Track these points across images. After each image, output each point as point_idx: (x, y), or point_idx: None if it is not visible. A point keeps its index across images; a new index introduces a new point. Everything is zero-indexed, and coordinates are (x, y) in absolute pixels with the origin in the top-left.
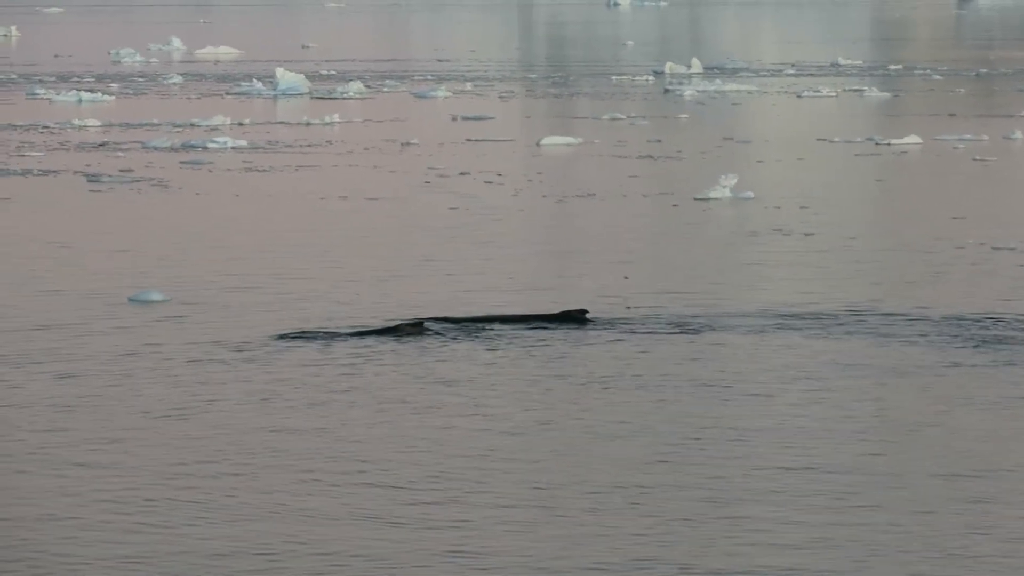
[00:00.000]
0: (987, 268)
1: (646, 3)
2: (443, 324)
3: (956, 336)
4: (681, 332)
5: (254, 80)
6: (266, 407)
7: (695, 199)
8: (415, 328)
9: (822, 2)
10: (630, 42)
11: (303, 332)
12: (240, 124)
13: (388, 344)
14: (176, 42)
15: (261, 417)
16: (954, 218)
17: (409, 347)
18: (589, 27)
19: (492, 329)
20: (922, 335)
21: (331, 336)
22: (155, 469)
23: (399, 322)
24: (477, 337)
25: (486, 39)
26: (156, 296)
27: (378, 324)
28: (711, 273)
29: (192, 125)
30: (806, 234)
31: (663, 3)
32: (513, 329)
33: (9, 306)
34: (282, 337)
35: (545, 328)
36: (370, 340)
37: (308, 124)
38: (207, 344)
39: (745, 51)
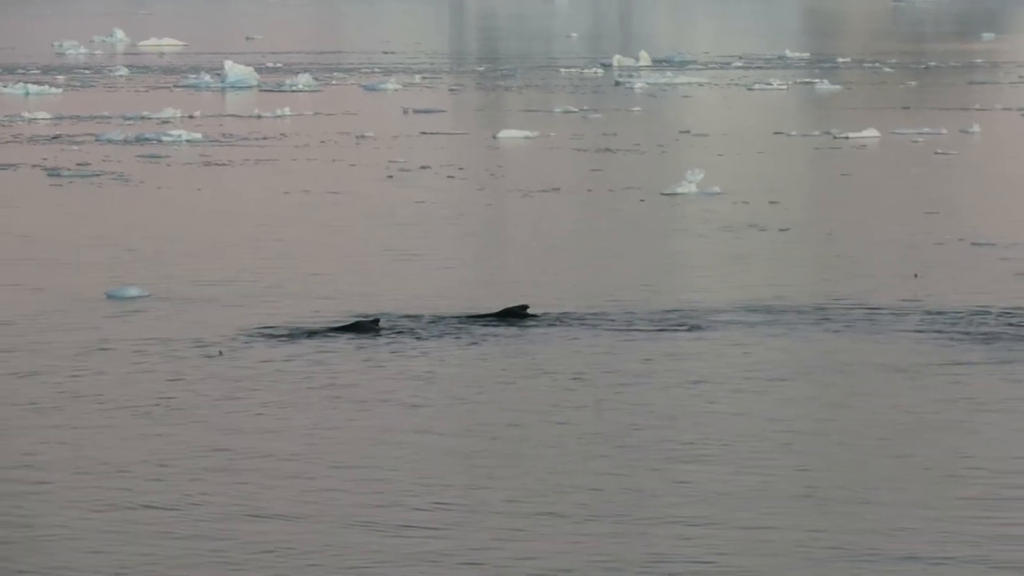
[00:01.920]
0: (970, 263)
1: None
2: (397, 321)
3: (949, 331)
4: (664, 328)
5: (202, 73)
6: (236, 404)
7: (662, 194)
8: (373, 324)
9: None
10: (574, 34)
11: (272, 328)
12: (191, 117)
13: (347, 341)
14: (119, 34)
15: (234, 414)
16: (928, 213)
17: (365, 343)
18: (530, 19)
19: (442, 326)
20: (918, 331)
21: (297, 333)
22: (127, 465)
23: (358, 319)
24: (428, 334)
25: (429, 31)
26: (134, 292)
27: (340, 321)
28: (694, 268)
29: (143, 118)
30: (781, 229)
31: None
32: (460, 325)
33: None
34: (257, 333)
35: (491, 325)
36: (331, 336)
37: (259, 117)
38: (189, 339)
39: (690, 43)
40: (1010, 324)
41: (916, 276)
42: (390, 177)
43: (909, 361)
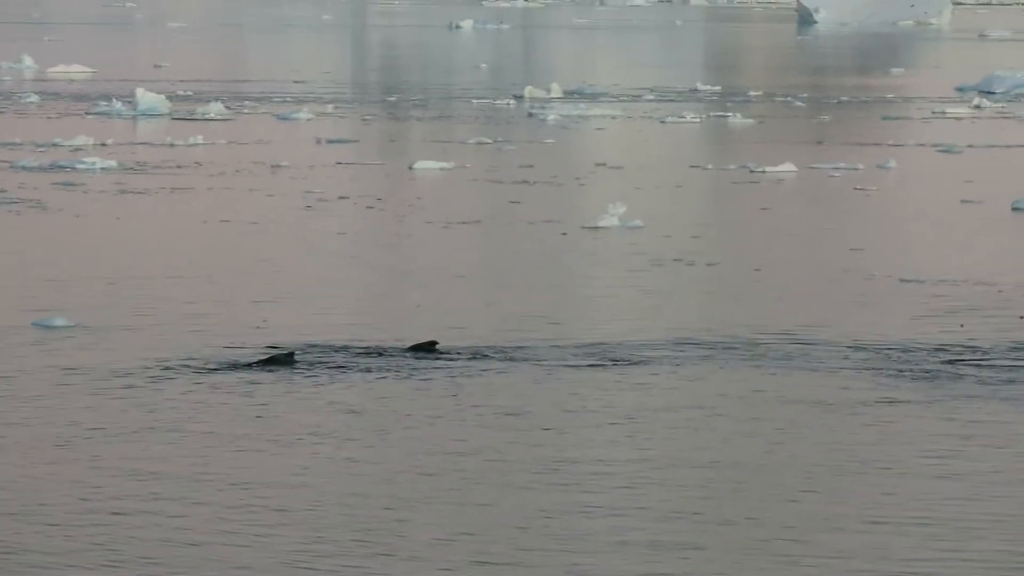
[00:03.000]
0: (899, 299)
1: (488, 26)
2: (313, 354)
3: (882, 367)
4: (595, 364)
5: (113, 100)
6: (158, 436)
7: (583, 227)
8: (288, 357)
9: (654, 27)
10: (483, 65)
11: (193, 360)
12: (103, 144)
13: (263, 373)
14: (27, 60)
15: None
16: (853, 249)
17: (281, 377)
18: (435, 49)
19: (357, 360)
20: (855, 367)
21: (218, 365)
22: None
23: (274, 352)
24: (341, 368)
25: (336, 61)
26: (60, 321)
27: (258, 354)
28: (623, 302)
29: (55, 145)
30: (709, 264)
31: (505, 26)
32: (370, 359)
33: None
34: (179, 364)
35: (402, 358)
36: (247, 370)
37: (172, 145)
38: (114, 369)
39: (599, 75)
40: (943, 361)
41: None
42: (308, 207)
43: (841, 397)
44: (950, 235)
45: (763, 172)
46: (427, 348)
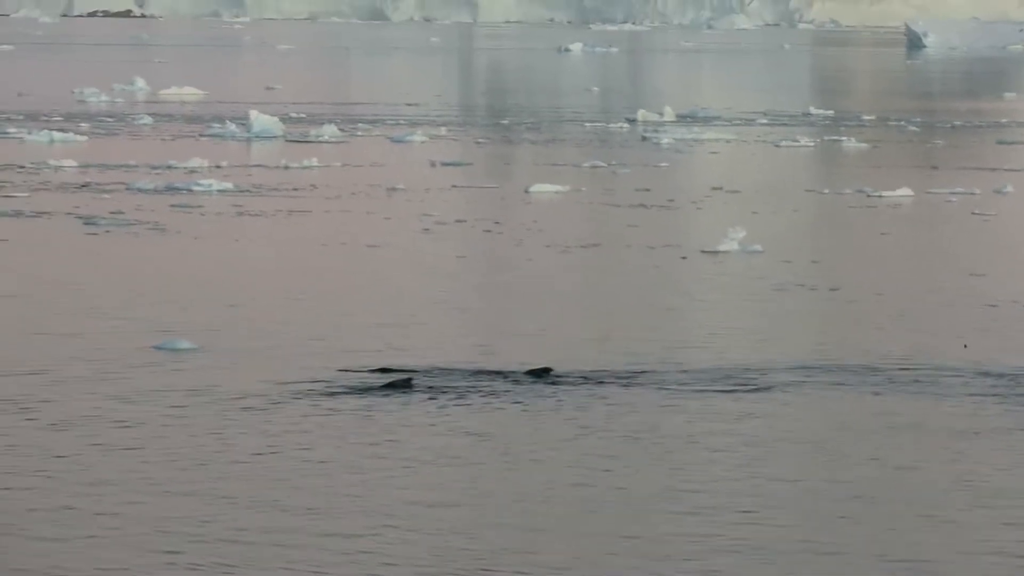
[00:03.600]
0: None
1: (597, 49)
2: (430, 378)
3: (1010, 394)
4: (725, 389)
5: (227, 122)
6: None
7: (703, 251)
8: (405, 383)
9: (762, 51)
10: (595, 88)
11: (314, 383)
12: (218, 166)
13: (379, 399)
14: (140, 82)
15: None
16: (974, 275)
17: (401, 401)
18: (547, 73)
19: (475, 384)
20: (983, 394)
21: (337, 389)
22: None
23: (392, 378)
24: (460, 392)
25: (446, 84)
26: (184, 344)
27: (374, 379)
28: (747, 328)
29: (170, 167)
30: (831, 289)
31: (613, 49)
32: (488, 383)
33: (34, 355)
34: (301, 388)
35: (518, 383)
36: (366, 395)
37: (287, 168)
38: (237, 393)
39: (709, 99)
40: None
41: (966, 347)
42: (426, 230)
43: (970, 425)
44: None
45: (880, 196)
46: (542, 373)
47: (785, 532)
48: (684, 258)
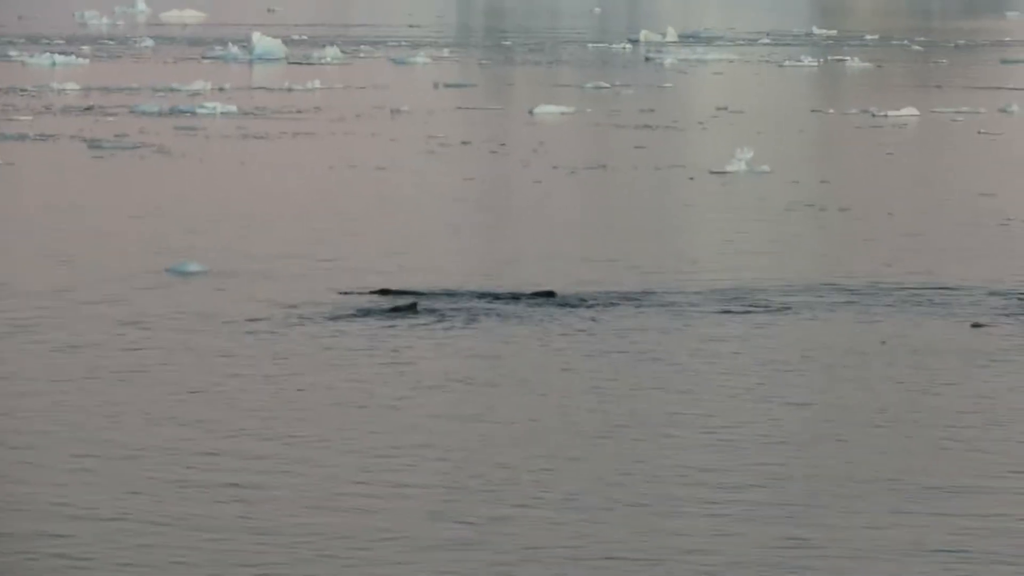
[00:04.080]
0: None
1: None
2: (434, 299)
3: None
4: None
5: (229, 44)
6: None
7: (711, 172)
8: (411, 308)
9: None
10: (597, 9)
11: (322, 305)
12: (221, 89)
13: (389, 318)
14: (140, 4)
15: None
16: (983, 194)
17: (408, 323)
18: None
19: (479, 305)
20: (998, 313)
21: (344, 312)
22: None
23: (397, 302)
24: (465, 314)
25: (446, 5)
26: (194, 267)
27: (379, 302)
28: (761, 248)
29: (172, 90)
30: (841, 209)
31: None
32: (491, 304)
33: (47, 278)
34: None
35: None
36: (374, 317)
37: (290, 90)
38: (248, 315)
39: (713, 19)
40: None
41: (883, 343)
42: (432, 152)
43: (991, 346)
44: None
45: (885, 116)
46: (546, 296)
47: (800, 459)
48: (692, 179)
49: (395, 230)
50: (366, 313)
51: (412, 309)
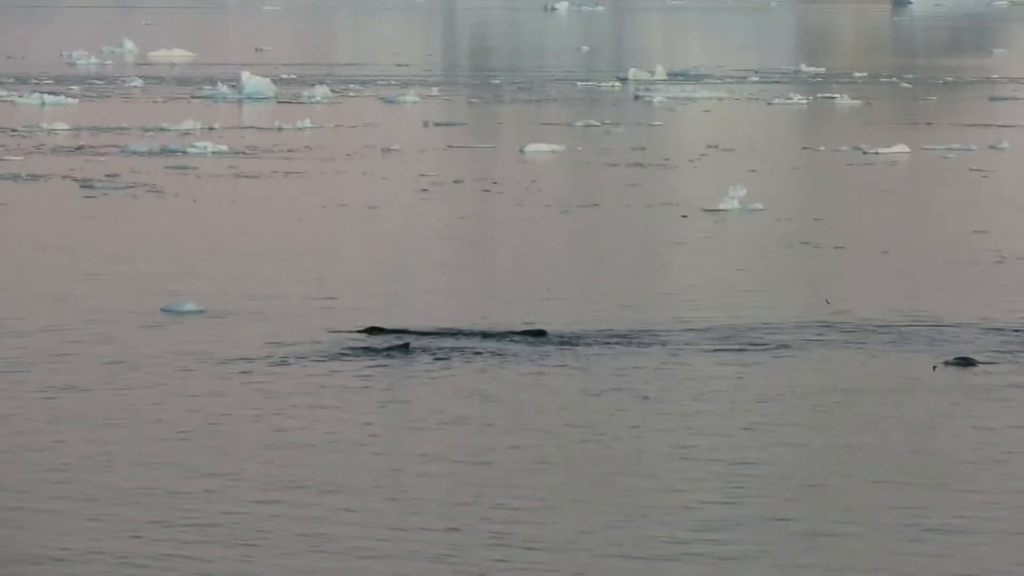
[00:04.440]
0: None
1: (584, 8)
2: (425, 338)
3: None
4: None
5: (217, 83)
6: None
7: (704, 210)
8: (403, 347)
9: (749, 9)
10: (585, 47)
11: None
12: (211, 128)
13: (383, 360)
14: (129, 44)
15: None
16: (976, 231)
17: (402, 362)
18: (535, 32)
19: (469, 345)
20: (997, 350)
21: (338, 352)
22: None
23: (388, 346)
24: (458, 353)
25: (435, 44)
26: (190, 306)
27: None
28: (759, 287)
29: (163, 129)
30: (836, 247)
31: (600, 8)
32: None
33: (42, 319)
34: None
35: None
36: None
37: (280, 129)
38: (245, 355)
39: (701, 57)
40: None
41: (827, 302)
42: (424, 191)
43: (991, 383)
44: None
45: (876, 154)
46: (536, 335)
47: (799, 499)
48: (685, 216)
49: (389, 269)
50: (360, 353)
51: (405, 348)
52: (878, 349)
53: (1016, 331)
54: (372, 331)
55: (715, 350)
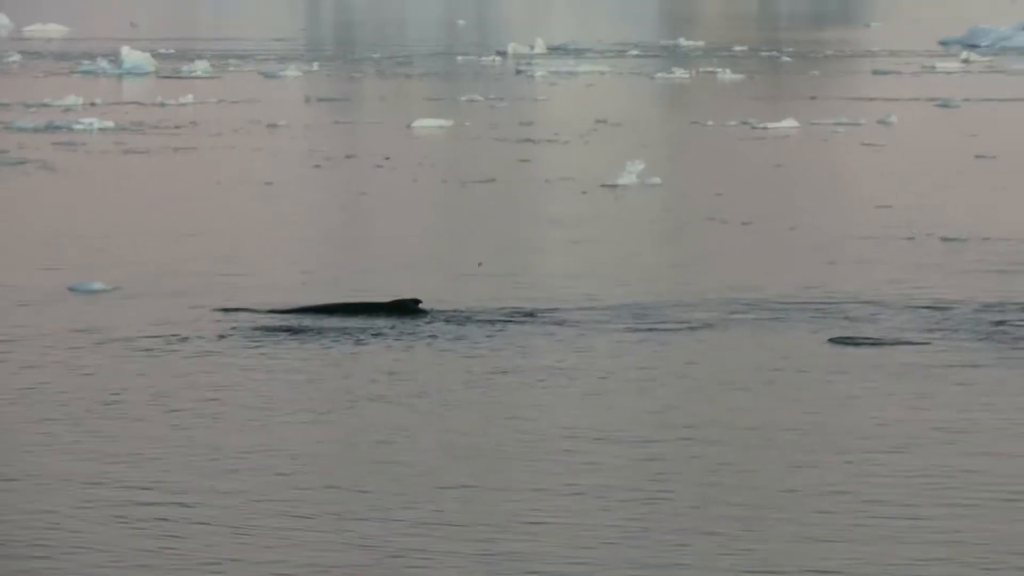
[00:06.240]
0: (947, 259)
1: None
2: (288, 314)
3: (954, 329)
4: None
5: (97, 58)
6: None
7: (603, 185)
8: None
9: None
10: (461, 21)
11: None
12: (93, 104)
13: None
14: (3, 18)
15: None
16: (880, 207)
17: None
18: (410, 5)
19: (333, 319)
20: (918, 329)
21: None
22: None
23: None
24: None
25: (312, 18)
26: (98, 285)
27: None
28: (672, 263)
29: (45, 105)
30: (743, 223)
31: None
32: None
33: None
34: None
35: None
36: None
37: (163, 105)
38: (159, 332)
39: (579, 30)
40: (994, 322)
41: (480, 264)
42: (318, 167)
43: (909, 361)
44: (976, 191)
45: (765, 128)
46: (408, 307)
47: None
48: (584, 192)
49: (291, 246)
50: (263, 331)
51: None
52: (789, 326)
53: (930, 308)
54: (225, 311)
55: (623, 329)
